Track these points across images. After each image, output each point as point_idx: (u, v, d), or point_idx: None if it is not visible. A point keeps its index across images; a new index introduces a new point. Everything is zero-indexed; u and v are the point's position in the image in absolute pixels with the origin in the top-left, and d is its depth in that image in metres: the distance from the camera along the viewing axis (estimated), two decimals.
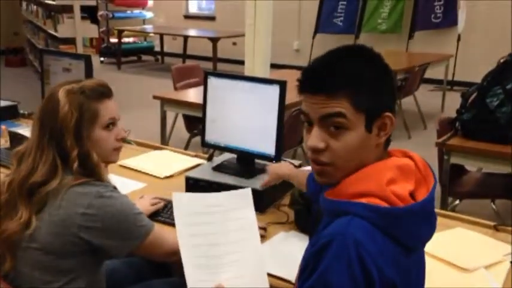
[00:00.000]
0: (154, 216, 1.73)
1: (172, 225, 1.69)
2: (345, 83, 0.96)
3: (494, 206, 3.29)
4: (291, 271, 1.43)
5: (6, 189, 1.36)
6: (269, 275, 1.43)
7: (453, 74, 7.58)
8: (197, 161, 2.29)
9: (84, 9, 6.59)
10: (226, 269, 1.22)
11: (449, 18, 8.02)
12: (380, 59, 1.01)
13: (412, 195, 0.99)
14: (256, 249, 1.28)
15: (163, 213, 1.77)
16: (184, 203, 1.28)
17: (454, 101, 4.70)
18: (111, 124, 1.44)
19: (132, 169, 2.21)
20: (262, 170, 1.95)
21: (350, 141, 0.97)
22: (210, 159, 2.08)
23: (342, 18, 8.79)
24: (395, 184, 0.97)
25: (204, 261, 1.22)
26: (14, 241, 1.32)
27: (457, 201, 3.25)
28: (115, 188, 1.40)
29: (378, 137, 1.00)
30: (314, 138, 0.99)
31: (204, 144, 2.06)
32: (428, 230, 1.02)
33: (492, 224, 1.78)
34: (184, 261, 1.21)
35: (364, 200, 0.95)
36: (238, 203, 1.29)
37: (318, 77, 0.98)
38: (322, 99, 0.97)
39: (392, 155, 1.06)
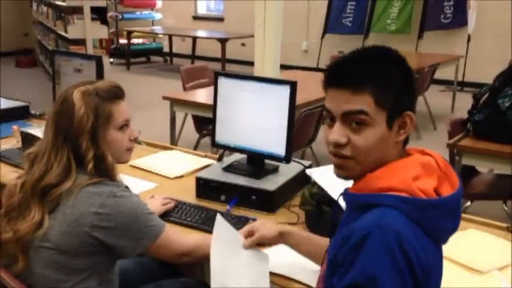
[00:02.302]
0: (165, 216, 1.73)
1: (183, 225, 1.71)
2: (370, 79, 1.00)
3: (506, 208, 3.27)
4: (301, 271, 1.43)
5: (19, 190, 1.37)
6: (279, 275, 1.44)
7: (463, 75, 7.53)
8: (207, 161, 2.29)
9: (94, 10, 6.63)
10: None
11: (459, 19, 7.98)
12: (404, 62, 1.04)
13: (435, 191, 1.01)
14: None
15: (174, 213, 1.77)
16: (223, 229, 1.37)
17: (464, 102, 4.68)
18: (125, 125, 1.45)
19: (142, 169, 2.22)
20: (272, 171, 1.95)
21: (371, 137, 1.01)
22: (220, 159, 2.08)
23: (350, 19, 8.77)
24: (420, 180, 1.00)
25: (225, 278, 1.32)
26: (26, 241, 1.33)
27: (468, 203, 3.23)
28: (127, 187, 1.41)
29: (397, 135, 1.04)
30: (336, 133, 1.02)
31: (214, 144, 2.06)
32: (454, 225, 1.04)
33: (505, 225, 1.77)
34: (213, 275, 1.30)
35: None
36: (258, 257, 1.38)
37: (344, 71, 1.02)
38: (346, 94, 1.00)
39: (410, 153, 1.08)
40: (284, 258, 1.48)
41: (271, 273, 1.43)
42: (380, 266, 0.90)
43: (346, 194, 1.09)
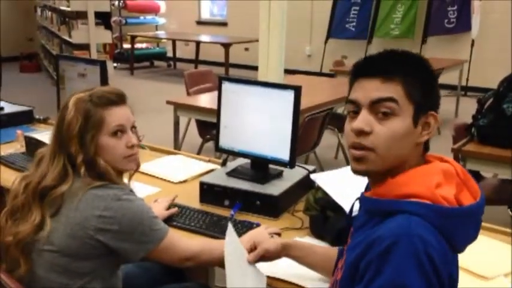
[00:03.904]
0: (168, 221, 1.72)
1: (186, 230, 1.70)
2: (401, 68, 1.01)
3: (511, 213, 3.24)
4: (305, 277, 1.42)
5: (22, 191, 1.39)
6: (283, 281, 1.43)
7: (467, 80, 7.53)
8: (211, 166, 2.29)
9: (98, 15, 6.65)
10: None
11: (463, 23, 7.98)
12: (430, 65, 1.06)
13: (455, 199, 1.00)
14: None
15: (178, 218, 1.77)
16: (234, 238, 1.38)
17: (468, 107, 4.67)
18: (120, 131, 1.42)
19: (146, 174, 2.21)
20: (276, 176, 1.94)
21: (396, 128, 1.00)
22: (224, 164, 2.08)
23: (354, 24, 8.78)
24: (442, 188, 0.99)
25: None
26: (27, 244, 1.34)
27: None
28: (131, 191, 1.41)
29: (420, 135, 1.03)
30: (361, 120, 1.01)
31: (218, 149, 2.06)
32: (474, 235, 1.03)
33: (510, 231, 1.76)
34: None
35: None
36: (258, 277, 1.39)
37: (375, 61, 1.04)
38: (376, 82, 1.01)
39: (430, 160, 1.07)
40: (285, 263, 1.47)
41: (275, 279, 1.42)
42: (409, 275, 0.89)
43: (364, 199, 1.07)
